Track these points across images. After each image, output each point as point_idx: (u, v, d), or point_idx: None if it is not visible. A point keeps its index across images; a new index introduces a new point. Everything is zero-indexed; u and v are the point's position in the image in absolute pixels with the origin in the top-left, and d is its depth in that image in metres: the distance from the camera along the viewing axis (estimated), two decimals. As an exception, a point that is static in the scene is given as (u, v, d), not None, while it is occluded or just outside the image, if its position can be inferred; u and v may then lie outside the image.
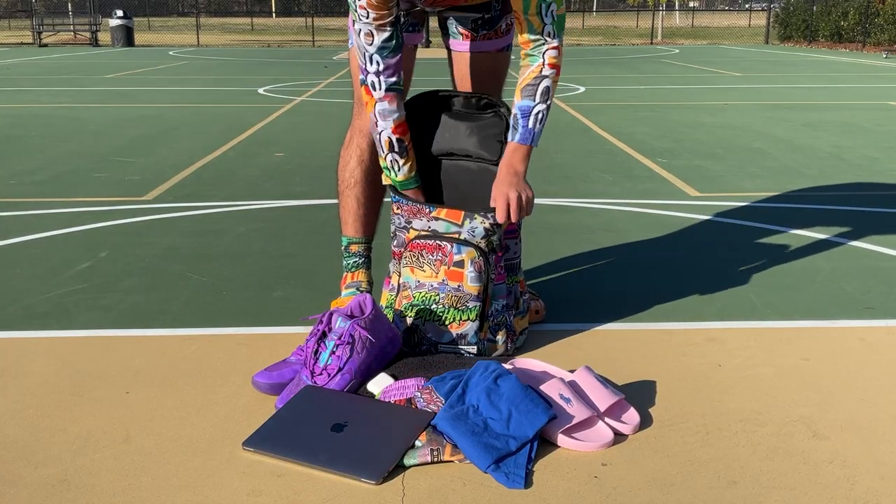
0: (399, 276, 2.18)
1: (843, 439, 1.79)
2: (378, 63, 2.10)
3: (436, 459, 1.69)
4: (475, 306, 2.09)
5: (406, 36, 2.28)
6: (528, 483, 1.62)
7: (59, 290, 2.76)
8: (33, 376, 2.09)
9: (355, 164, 2.37)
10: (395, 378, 2.01)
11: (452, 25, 2.38)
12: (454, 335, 2.10)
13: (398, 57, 2.13)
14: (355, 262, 2.44)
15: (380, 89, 2.12)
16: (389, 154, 2.17)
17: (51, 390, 2.01)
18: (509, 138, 2.13)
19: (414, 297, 2.12)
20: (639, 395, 1.99)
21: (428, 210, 2.13)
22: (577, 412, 1.80)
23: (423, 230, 2.13)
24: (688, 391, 2.02)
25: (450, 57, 2.44)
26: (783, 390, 2.02)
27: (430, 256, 2.10)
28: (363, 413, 1.82)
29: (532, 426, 1.73)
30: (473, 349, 2.11)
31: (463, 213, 2.09)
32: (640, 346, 2.29)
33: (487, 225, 2.08)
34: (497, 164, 2.19)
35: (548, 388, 1.85)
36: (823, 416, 1.89)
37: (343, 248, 2.46)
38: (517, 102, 2.11)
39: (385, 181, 2.23)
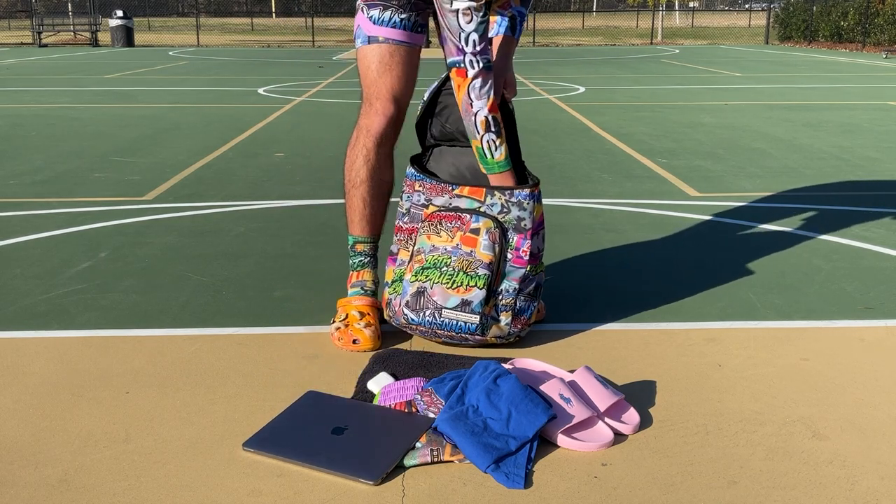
0: (414, 245, 2.24)
1: (843, 439, 1.79)
2: (475, 43, 2.12)
3: (436, 460, 1.69)
4: (484, 274, 2.14)
5: (412, 36, 2.30)
6: (528, 483, 1.62)
7: (59, 290, 2.76)
8: (33, 376, 2.09)
9: (361, 164, 2.37)
10: (395, 377, 2.01)
11: None
12: (459, 300, 2.13)
13: (487, 35, 2.18)
14: (360, 261, 2.45)
15: (476, 67, 2.13)
16: (486, 135, 2.17)
17: (51, 390, 2.01)
18: (504, 32, 2.37)
19: (426, 260, 2.18)
20: (639, 395, 1.99)
21: (451, 188, 2.23)
22: (577, 412, 1.80)
23: (444, 206, 2.24)
24: (688, 391, 2.02)
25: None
26: (783, 390, 2.02)
27: (449, 224, 2.20)
28: (363, 418, 1.83)
29: (532, 426, 1.73)
30: (475, 318, 2.13)
31: (484, 189, 2.22)
32: (640, 346, 2.29)
33: (504, 201, 2.20)
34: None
35: (548, 388, 1.85)
36: (823, 416, 1.89)
37: (349, 246, 2.47)
38: (514, 6, 2.37)
39: (481, 168, 2.25)
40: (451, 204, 2.22)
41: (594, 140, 6.08)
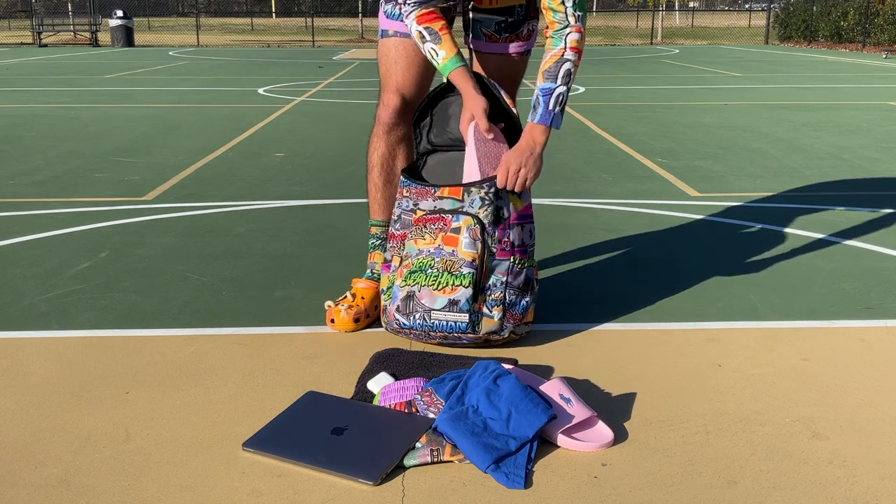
0: (403, 250, 2.25)
1: (843, 439, 1.79)
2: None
3: (436, 460, 1.69)
4: (469, 273, 2.14)
5: None
6: (527, 483, 1.62)
7: (59, 290, 2.76)
8: (33, 376, 2.09)
9: (373, 150, 2.49)
10: (395, 377, 2.01)
11: (478, 26, 2.48)
12: (446, 301, 2.13)
13: None
14: (372, 243, 2.56)
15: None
16: (423, 45, 2.24)
17: (51, 390, 2.01)
18: (529, 118, 2.26)
19: (413, 264, 2.19)
20: (639, 395, 1.99)
21: (433, 190, 2.23)
22: (577, 412, 1.80)
23: (430, 209, 2.24)
24: (688, 391, 2.02)
25: (471, 56, 2.53)
26: (783, 390, 2.02)
27: (433, 226, 2.21)
28: (363, 418, 1.83)
29: (532, 426, 1.73)
30: (465, 317, 2.13)
31: (462, 188, 2.21)
32: (640, 346, 2.29)
33: (483, 194, 2.18)
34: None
35: (548, 389, 1.85)
36: (823, 416, 1.89)
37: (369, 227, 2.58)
38: (539, 84, 2.26)
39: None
40: (435, 207, 2.23)
41: (594, 140, 6.08)
